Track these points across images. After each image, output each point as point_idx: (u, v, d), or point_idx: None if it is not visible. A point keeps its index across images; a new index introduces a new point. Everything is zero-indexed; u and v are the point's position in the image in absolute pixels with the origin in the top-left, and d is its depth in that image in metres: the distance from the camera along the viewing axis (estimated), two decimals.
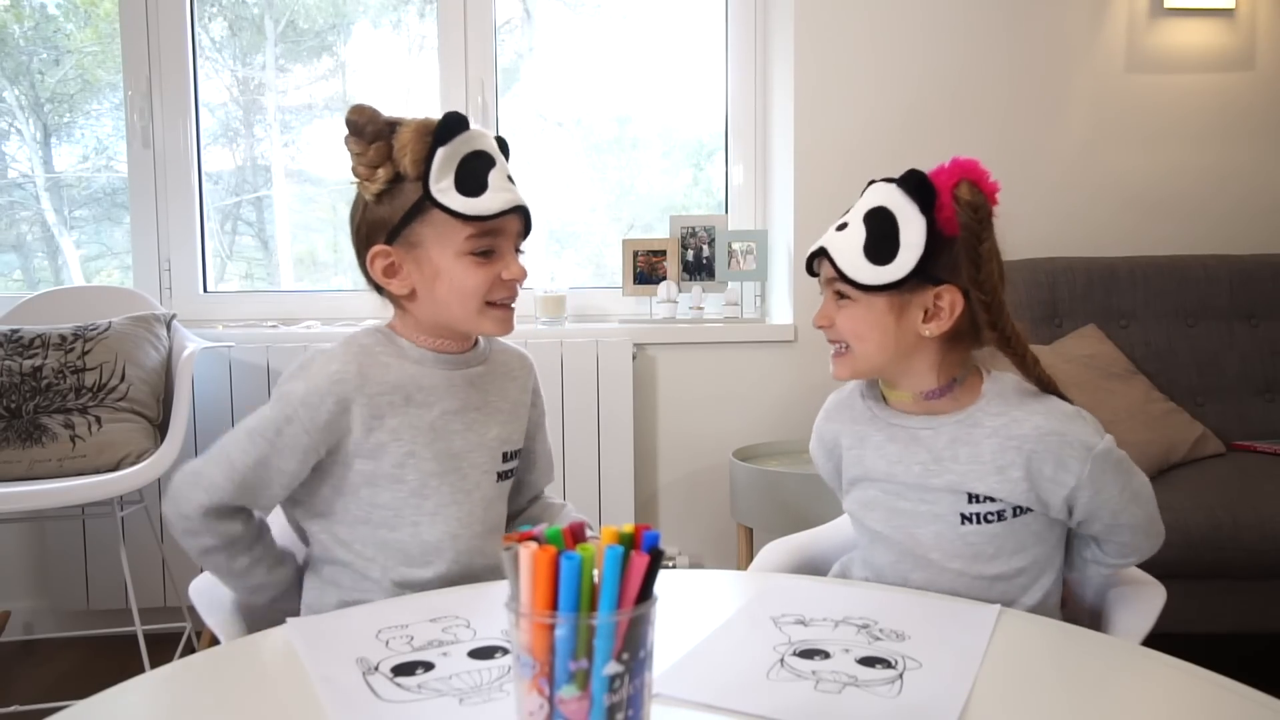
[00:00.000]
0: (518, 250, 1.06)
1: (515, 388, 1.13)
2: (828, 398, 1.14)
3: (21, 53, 2.53)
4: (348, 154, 1.01)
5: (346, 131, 1.00)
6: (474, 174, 0.99)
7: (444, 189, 0.98)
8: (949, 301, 0.97)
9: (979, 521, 0.98)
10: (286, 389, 0.99)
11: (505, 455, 1.10)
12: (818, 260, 1.03)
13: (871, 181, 1.02)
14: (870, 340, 0.99)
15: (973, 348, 1.02)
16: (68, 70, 2.56)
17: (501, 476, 1.10)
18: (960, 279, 0.96)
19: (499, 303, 1.04)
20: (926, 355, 1.00)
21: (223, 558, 1.00)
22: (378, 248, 1.02)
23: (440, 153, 0.98)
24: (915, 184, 0.96)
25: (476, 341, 1.12)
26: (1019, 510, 0.98)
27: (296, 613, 1.06)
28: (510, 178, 1.03)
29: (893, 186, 0.97)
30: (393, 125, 0.99)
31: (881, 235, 0.96)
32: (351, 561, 1.03)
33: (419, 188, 0.98)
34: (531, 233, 1.07)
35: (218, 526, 0.98)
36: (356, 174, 1.01)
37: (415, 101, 2.59)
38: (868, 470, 1.05)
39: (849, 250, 0.98)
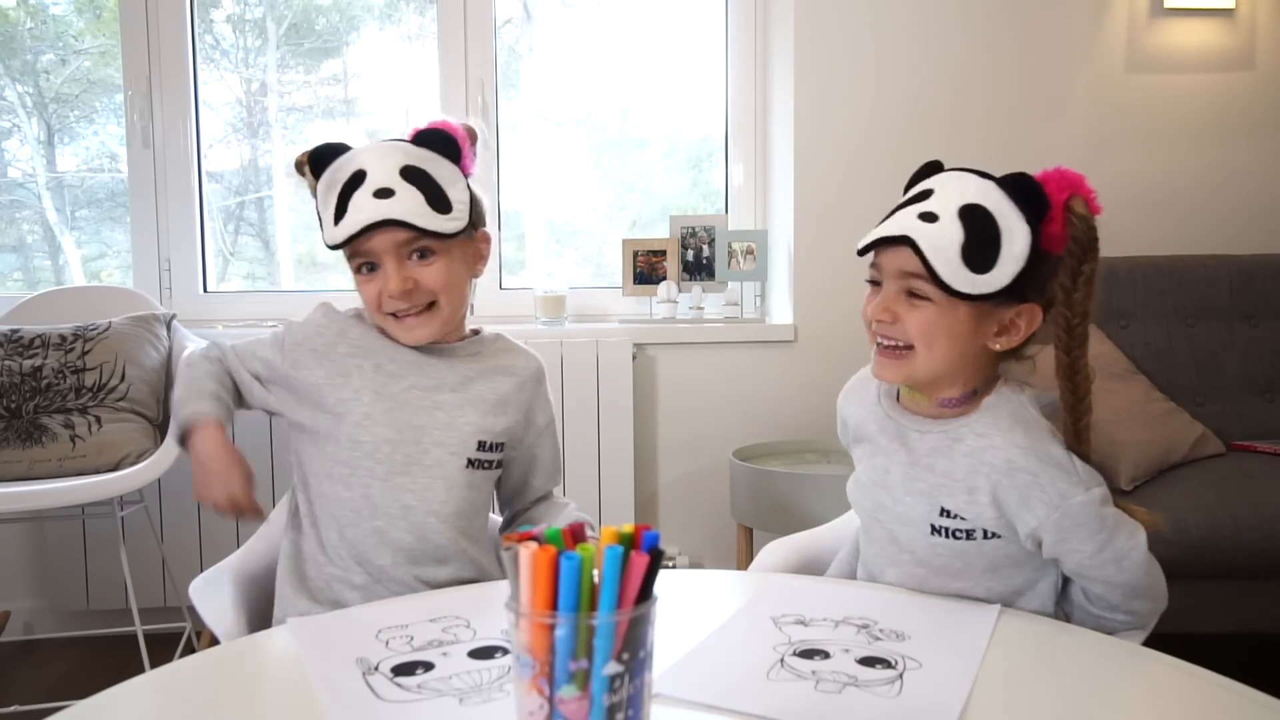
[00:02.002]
0: (424, 254, 1.06)
1: (511, 384, 1.14)
2: (856, 374, 1.09)
3: (27, 51, 2.53)
4: None
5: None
6: (342, 199, 1.04)
7: (325, 223, 1.07)
8: (1027, 320, 0.92)
9: (947, 536, 0.95)
10: (275, 331, 1.15)
11: (481, 444, 1.11)
12: (888, 247, 0.91)
13: (931, 165, 0.96)
14: (939, 348, 0.91)
15: (1004, 361, 0.97)
16: (73, 70, 2.56)
17: (474, 464, 1.10)
18: (1042, 297, 0.91)
19: (398, 314, 1.09)
20: (969, 367, 0.95)
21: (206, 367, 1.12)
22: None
23: (320, 186, 1.07)
24: (1028, 192, 0.89)
25: (471, 333, 1.17)
26: (988, 533, 0.94)
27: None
28: (386, 190, 1.02)
29: (990, 184, 0.90)
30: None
31: (982, 239, 0.87)
32: (318, 517, 1.09)
33: None
34: (446, 233, 1.05)
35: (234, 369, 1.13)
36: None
37: (417, 101, 2.59)
38: (873, 449, 1.03)
39: (945, 248, 0.87)
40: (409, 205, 1.02)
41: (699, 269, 2.55)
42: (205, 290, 2.51)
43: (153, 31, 2.43)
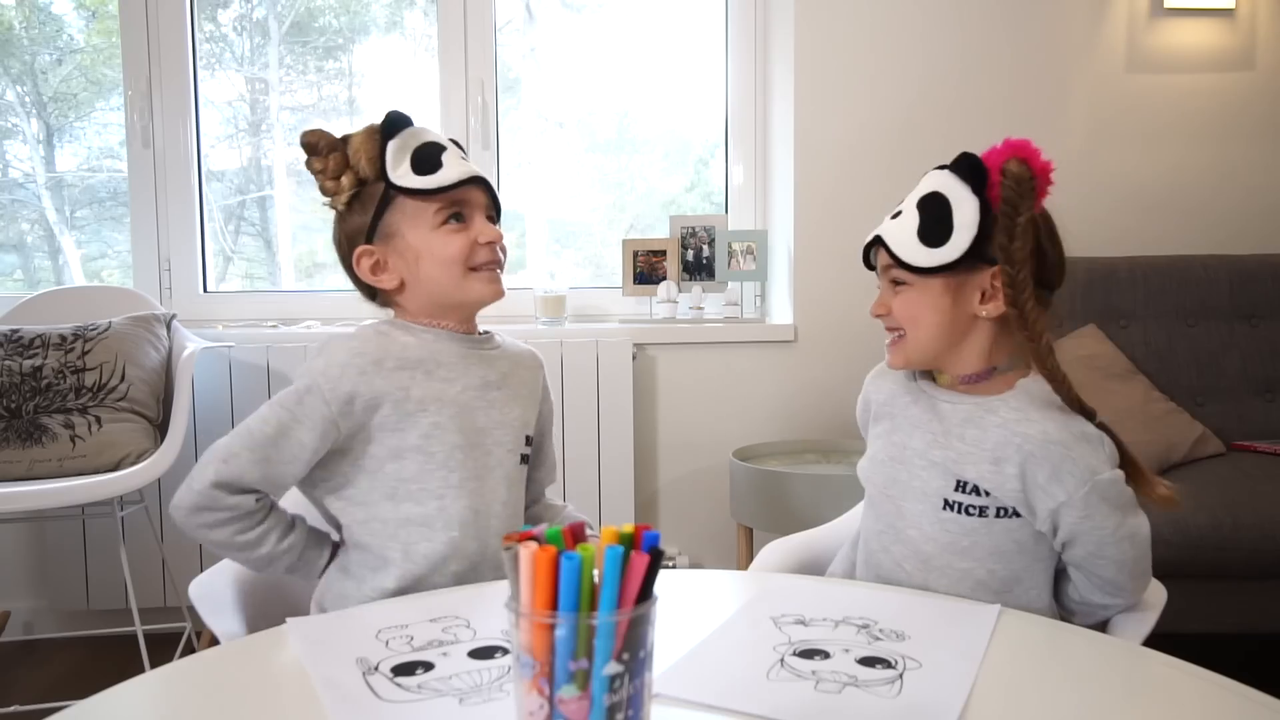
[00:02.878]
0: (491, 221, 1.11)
1: (530, 376, 1.16)
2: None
3: (25, 51, 2.53)
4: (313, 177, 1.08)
5: (306, 156, 1.06)
6: (427, 157, 1.05)
7: (402, 174, 1.04)
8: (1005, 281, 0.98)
9: (959, 511, 0.98)
10: (308, 366, 1.02)
11: (528, 439, 1.13)
12: (875, 250, 1.03)
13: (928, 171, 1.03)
14: (925, 323, 0.99)
15: (1019, 340, 1.01)
16: (72, 69, 2.56)
17: (524, 459, 1.12)
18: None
19: (482, 266, 1.08)
20: (977, 340, 1.01)
21: (230, 530, 0.99)
22: (361, 248, 1.08)
23: (391, 146, 1.05)
24: (967, 166, 0.97)
25: (488, 334, 1.15)
26: (1003, 512, 0.97)
27: (313, 588, 1.07)
28: (463, 160, 1.09)
29: (946, 172, 0.98)
30: (344, 139, 1.06)
31: (935, 219, 0.97)
32: (369, 543, 1.03)
33: (381, 184, 1.05)
34: (501, 211, 1.13)
35: (226, 499, 0.98)
36: (325, 191, 1.07)
37: (418, 102, 2.59)
38: (892, 426, 1.06)
39: (903, 236, 0.98)
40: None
41: (699, 269, 2.55)
42: (205, 290, 2.51)
43: (153, 31, 2.43)
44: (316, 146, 1.05)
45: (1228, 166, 2.51)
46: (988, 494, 0.97)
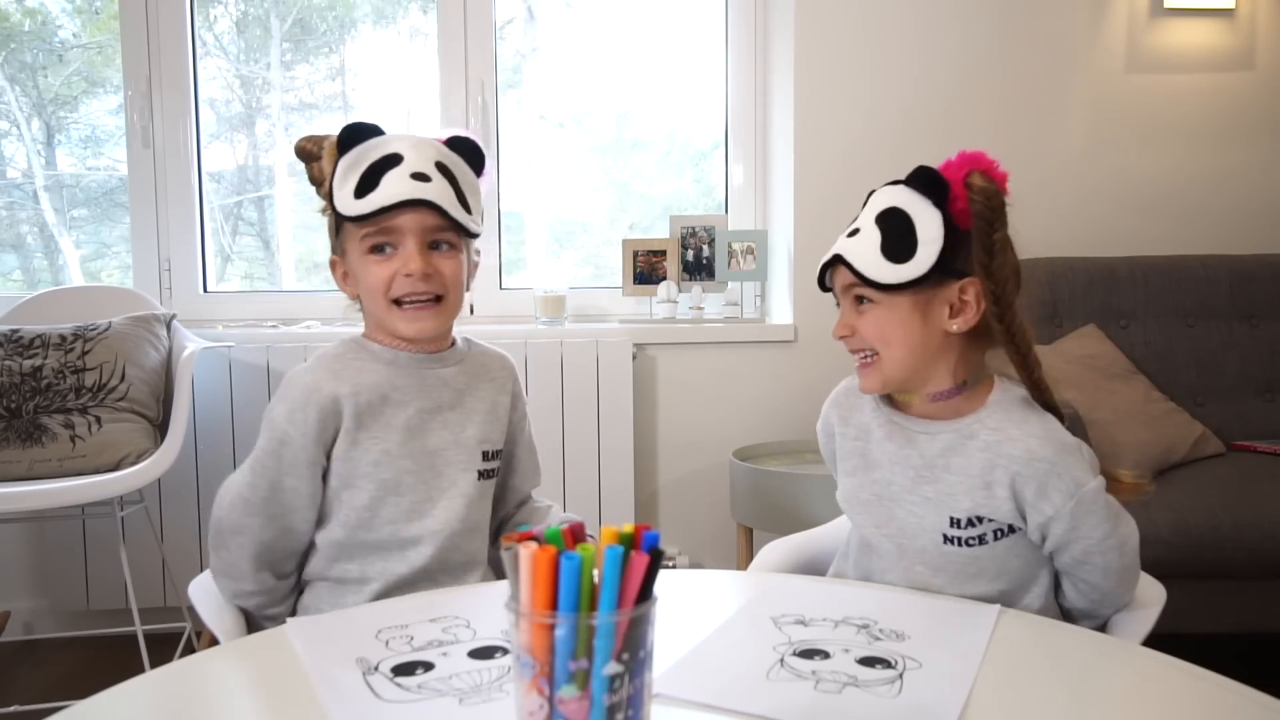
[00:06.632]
0: (440, 247, 1.05)
1: (493, 389, 1.14)
2: (840, 383, 1.12)
3: (26, 51, 2.53)
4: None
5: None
6: (370, 177, 1.01)
7: (341, 196, 1.01)
8: (974, 294, 0.95)
9: (960, 544, 0.97)
10: (270, 416, 1.03)
11: (485, 454, 1.11)
12: (832, 270, 1.00)
13: (872, 192, 1.01)
14: (896, 342, 0.96)
15: (988, 348, 1.00)
16: (72, 70, 2.56)
17: (482, 475, 1.11)
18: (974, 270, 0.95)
19: (406, 300, 1.04)
20: (948, 356, 0.98)
21: (256, 603, 1.03)
22: (333, 257, 1.10)
23: (342, 163, 1.02)
24: (926, 179, 0.94)
25: (454, 342, 1.14)
26: (1000, 534, 0.97)
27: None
28: (423, 175, 1.01)
29: (901, 187, 0.96)
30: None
31: (898, 234, 0.94)
32: (332, 571, 1.05)
33: None
34: (469, 231, 1.05)
35: (263, 577, 1.02)
36: (321, 196, 1.08)
37: (418, 102, 2.59)
38: (868, 463, 1.04)
39: (866, 252, 0.95)
40: (443, 193, 1.02)
41: (699, 269, 2.55)
42: (205, 290, 2.51)
43: (152, 30, 2.43)
44: (309, 154, 1.06)
45: (1227, 166, 2.51)
46: (982, 520, 0.96)
